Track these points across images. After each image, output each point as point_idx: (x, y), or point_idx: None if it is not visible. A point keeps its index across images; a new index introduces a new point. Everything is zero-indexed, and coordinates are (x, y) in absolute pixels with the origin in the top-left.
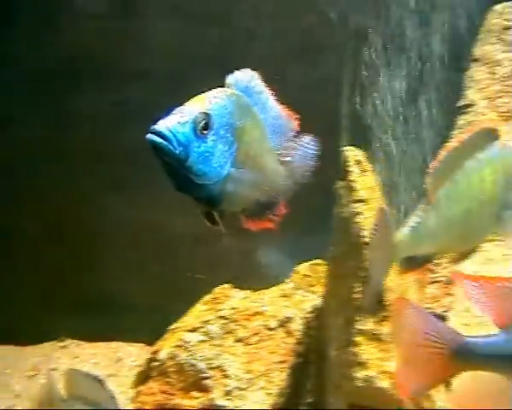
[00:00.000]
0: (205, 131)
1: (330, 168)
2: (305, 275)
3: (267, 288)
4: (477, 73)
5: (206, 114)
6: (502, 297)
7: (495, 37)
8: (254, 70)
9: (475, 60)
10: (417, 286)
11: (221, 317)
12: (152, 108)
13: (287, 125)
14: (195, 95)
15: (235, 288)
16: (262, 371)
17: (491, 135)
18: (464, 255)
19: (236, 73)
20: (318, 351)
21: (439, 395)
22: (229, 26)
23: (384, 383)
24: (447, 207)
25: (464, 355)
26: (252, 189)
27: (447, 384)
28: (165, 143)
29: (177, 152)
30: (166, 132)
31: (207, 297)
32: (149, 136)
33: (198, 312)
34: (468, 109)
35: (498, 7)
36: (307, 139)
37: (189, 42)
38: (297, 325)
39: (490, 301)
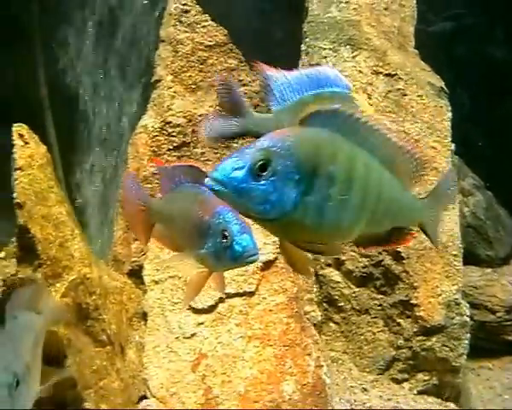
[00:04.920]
0: (263, 173)
1: None
2: None
3: None
4: (163, 52)
5: (265, 153)
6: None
7: (175, 19)
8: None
9: (162, 40)
10: (125, 243)
11: None
12: None
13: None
14: None
15: None
16: None
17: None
18: None
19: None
20: None
21: None
22: None
23: None
24: None
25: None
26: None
27: None
28: (222, 189)
29: (235, 197)
30: (223, 179)
31: None
32: (208, 182)
33: None
34: (158, 84)
35: None
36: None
37: None
38: None
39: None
